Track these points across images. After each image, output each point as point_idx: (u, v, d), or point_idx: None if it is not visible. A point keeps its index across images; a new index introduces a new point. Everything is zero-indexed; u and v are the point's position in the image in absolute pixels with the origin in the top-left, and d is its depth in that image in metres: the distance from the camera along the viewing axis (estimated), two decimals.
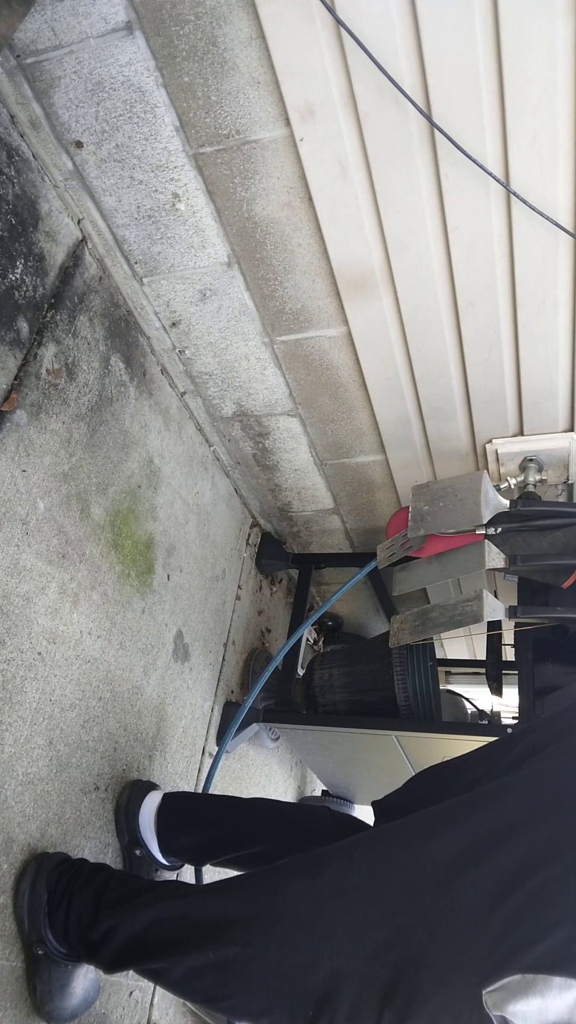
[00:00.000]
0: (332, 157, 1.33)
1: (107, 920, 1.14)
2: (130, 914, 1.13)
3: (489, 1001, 0.83)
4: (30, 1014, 1.22)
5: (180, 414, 1.93)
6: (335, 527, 2.39)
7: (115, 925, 1.13)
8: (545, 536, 1.64)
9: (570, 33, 1.14)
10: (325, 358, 1.75)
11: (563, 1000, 0.80)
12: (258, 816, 1.48)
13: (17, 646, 1.28)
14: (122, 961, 1.13)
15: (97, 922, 1.15)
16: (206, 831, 1.47)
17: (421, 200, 1.37)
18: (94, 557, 1.51)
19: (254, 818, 1.47)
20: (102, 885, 1.20)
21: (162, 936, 1.09)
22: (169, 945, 1.08)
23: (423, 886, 0.93)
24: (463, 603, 1.65)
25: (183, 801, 1.55)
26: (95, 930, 1.14)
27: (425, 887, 0.93)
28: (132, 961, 1.12)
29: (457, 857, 0.94)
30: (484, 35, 1.15)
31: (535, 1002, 0.81)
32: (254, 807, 1.53)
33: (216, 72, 1.27)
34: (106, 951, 1.13)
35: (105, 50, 1.27)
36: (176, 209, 1.49)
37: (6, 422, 1.31)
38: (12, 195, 1.36)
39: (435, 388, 1.75)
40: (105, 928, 1.13)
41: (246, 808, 1.52)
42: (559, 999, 0.80)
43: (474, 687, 2.72)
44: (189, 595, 1.91)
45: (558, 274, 1.45)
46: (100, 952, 1.14)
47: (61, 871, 1.23)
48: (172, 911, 1.11)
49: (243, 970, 1.00)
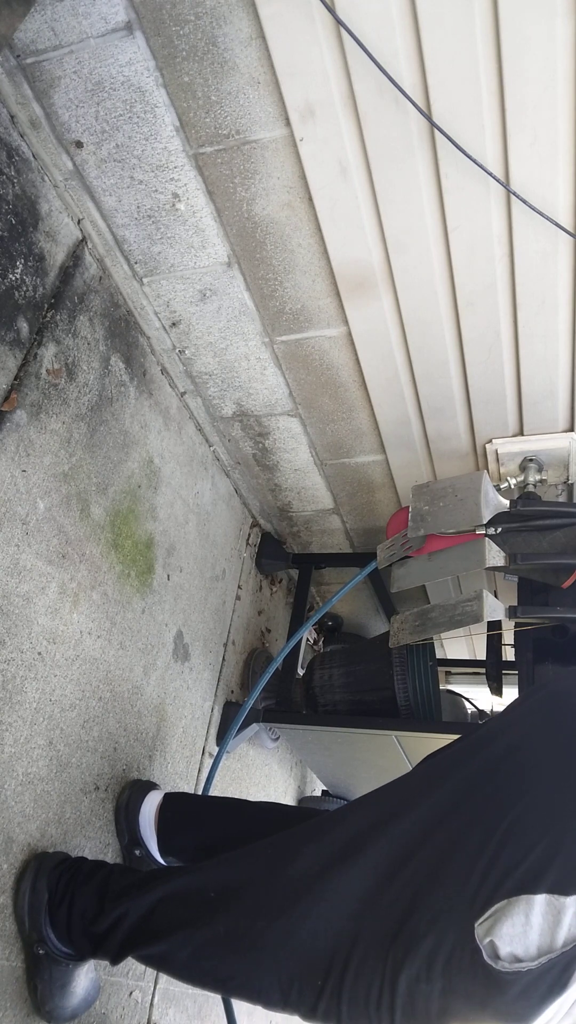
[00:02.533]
0: (332, 157, 1.33)
1: (114, 910, 1.14)
2: (137, 899, 1.13)
3: (480, 931, 0.86)
4: (30, 1014, 1.22)
5: (180, 414, 1.93)
6: (335, 527, 2.39)
7: (124, 912, 1.13)
8: (545, 536, 1.64)
9: (570, 33, 1.14)
10: (325, 358, 1.75)
11: (544, 916, 0.83)
12: (260, 820, 1.47)
13: (17, 646, 1.28)
14: (128, 947, 1.12)
15: (103, 914, 1.15)
16: (207, 832, 1.47)
17: (421, 200, 1.37)
18: (94, 557, 1.51)
19: (256, 822, 1.46)
20: (105, 879, 1.21)
21: (169, 915, 1.09)
22: (176, 924, 1.07)
23: (429, 832, 0.96)
24: (463, 603, 1.65)
25: (184, 801, 1.55)
26: (101, 922, 1.14)
27: (431, 833, 0.96)
28: (138, 945, 1.11)
29: (455, 797, 0.98)
30: (484, 35, 1.15)
31: (519, 921, 0.84)
32: (257, 811, 1.52)
33: (216, 72, 1.27)
34: (113, 940, 1.13)
35: (105, 50, 1.27)
36: (176, 209, 1.49)
37: (6, 422, 1.31)
38: (12, 195, 1.36)
39: (435, 388, 1.75)
40: (113, 918, 1.13)
41: (248, 811, 1.52)
42: (540, 916, 0.83)
43: (474, 687, 2.72)
44: (189, 595, 1.91)
45: (558, 274, 1.45)
46: (107, 942, 1.14)
47: (62, 870, 1.23)
48: (179, 888, 1.11)
49: (253, 943, 0.99)
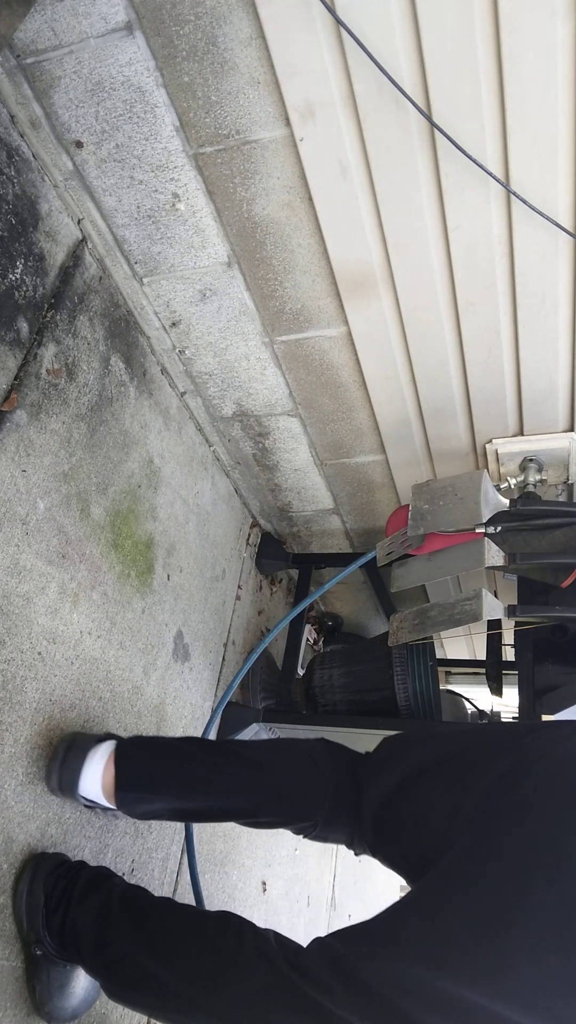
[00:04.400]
0: (332, 157, 1.33)
1: (113, 946, 1.13)
2: (135, 948, 1.11)
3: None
4: (30, 1014, 1.22)
5: (180, 414, 1.93)
6: (335, 527, 2.39)
7: (123, 956, 1.12)
8: (544, 535, 1.64)
9: (570, 33, 1.14)
10: (325, 358, 1.75)
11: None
12: (236, 791, 1.32)
13: (17, 646, 1.28)
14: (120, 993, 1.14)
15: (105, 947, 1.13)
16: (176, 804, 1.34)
17: (421, 200, 1.37)
18: (94, 557, 1.51)
19: (232, 795, 1.32)
20: (104, 908, 1.17)
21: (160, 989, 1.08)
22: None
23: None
24: (462, 602, 1.65)
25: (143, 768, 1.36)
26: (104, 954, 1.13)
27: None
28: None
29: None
30: (484, 35, 1.15)
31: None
32: (234, 781, 1.32)
33: (216, 72, 1.27)
34: (109, 977, 1.13)
35: (105, 50, 1.27)
36: (176, 209, 1.49)
37: (6, 422, 1.31)
38: (12, 195, 1.36)
39: (435, 388, 1.75)
40: (112, 958, 1.12)
41: (220, 779, 1.33)
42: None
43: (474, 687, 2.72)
44: (189, 595, 1.91)
45: (558, 274, 1.45)
46: (101, 977, 1.14)
47: (59, 875, 1.22)
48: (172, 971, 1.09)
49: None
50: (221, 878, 1.92)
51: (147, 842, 1.60)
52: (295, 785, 1.31)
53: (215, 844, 1.91)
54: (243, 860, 2.05)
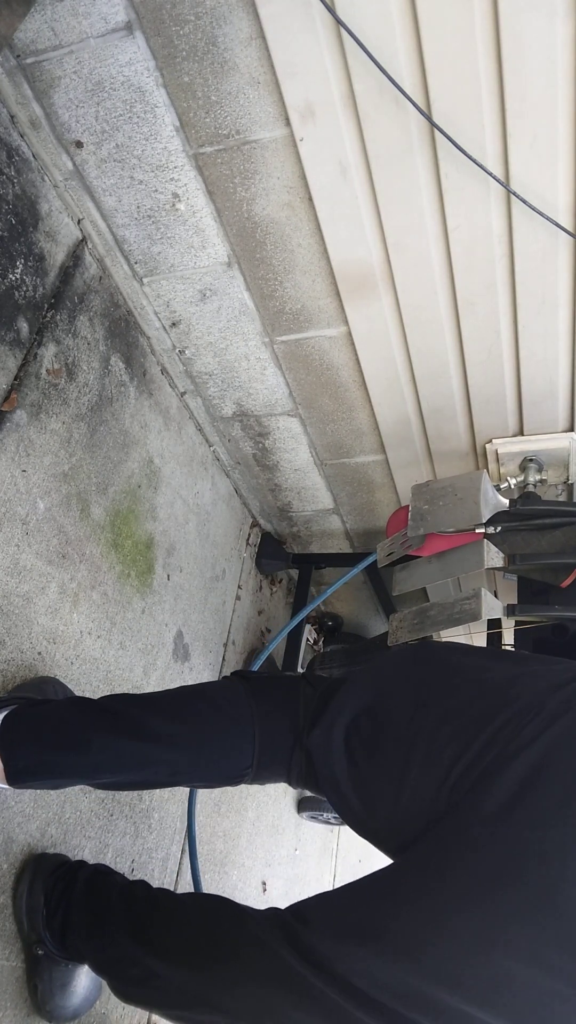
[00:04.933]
0: (332, 157, 1.33)
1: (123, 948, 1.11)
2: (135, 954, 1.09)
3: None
4: (31, 1014, 1.22)
5: (180, 414, 1.93)
6: (335, 527, 2.39)
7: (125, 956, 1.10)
8: (544, 535, 1.64)
9: (570, 33, 1.14)
10: (325, 358, 1.76)
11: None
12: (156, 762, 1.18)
13: (17, 646, 1.28)
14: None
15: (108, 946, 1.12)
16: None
17: (421, 200, 1.37)
18: (94, 557, 1.51)
19: (143, 770, 1.18)
20: (104, 908, 1.16)
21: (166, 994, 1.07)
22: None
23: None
24: (461, 601, 1.65)
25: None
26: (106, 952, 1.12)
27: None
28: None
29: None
30: (484, 35, 1.16)
31: None
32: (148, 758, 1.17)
33: (216, 72, 1.27)
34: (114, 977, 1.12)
35: (105, 50, 1.27)
36: (176, 209, 1.49)
37: (6, 422, 1.31)
38: (12, 195, 1.36)
39: (435, 388, 1.75)
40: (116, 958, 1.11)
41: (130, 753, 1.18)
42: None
43: None
44: (189, 595, 1.91)
45: (558, 274, 1.45)
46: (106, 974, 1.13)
47: (58, 876, 1.22)
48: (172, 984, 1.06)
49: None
50: (221, 878, 1.92)
51: (147, 842, 1.60)
52: (208, 755, 1.18)
53: (215, 844, 1.91)
54: (243, 860, 2.05)
